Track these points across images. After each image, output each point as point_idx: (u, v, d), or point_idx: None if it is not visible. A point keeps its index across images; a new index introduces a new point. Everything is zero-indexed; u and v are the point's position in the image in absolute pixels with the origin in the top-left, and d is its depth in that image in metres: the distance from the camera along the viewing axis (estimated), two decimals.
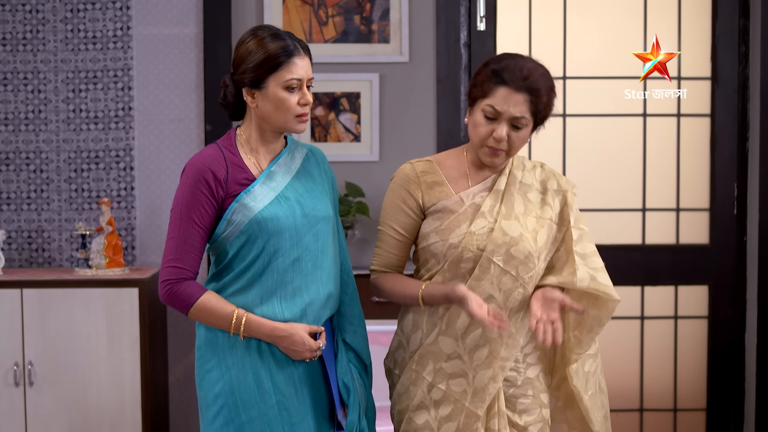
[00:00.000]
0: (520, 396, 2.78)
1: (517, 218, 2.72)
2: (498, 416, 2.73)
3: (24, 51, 4.45)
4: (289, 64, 2.63)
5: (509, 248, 2.68)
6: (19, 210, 4.49)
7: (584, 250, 2.75)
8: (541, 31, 4.59)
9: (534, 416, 2.78)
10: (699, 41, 4.57)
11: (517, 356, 2.76)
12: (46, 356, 4.07)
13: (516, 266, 2.69)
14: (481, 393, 2.71)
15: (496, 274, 2.69)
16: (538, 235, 2.73)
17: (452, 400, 2.73)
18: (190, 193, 2.63)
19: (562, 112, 4.58)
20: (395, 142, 4.51)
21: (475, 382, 2.71)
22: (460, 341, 2.72)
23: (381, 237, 2.84)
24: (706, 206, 4.61)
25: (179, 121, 4.48)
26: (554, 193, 2.80)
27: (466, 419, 2.72)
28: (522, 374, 2.77)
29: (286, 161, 2.75)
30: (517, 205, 2.74)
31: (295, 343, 2.64)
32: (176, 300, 2.63)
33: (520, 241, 2.69)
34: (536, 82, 2.67)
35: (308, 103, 2.66)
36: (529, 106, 2.67)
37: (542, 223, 2.75)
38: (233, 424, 2.64)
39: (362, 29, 4.49)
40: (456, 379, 2.73)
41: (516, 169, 2.80)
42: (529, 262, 2.69)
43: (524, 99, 2.67)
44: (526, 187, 2.78)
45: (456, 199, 2.75)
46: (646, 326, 4.66)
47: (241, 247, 2.65)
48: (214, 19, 4.43)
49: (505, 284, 2.69)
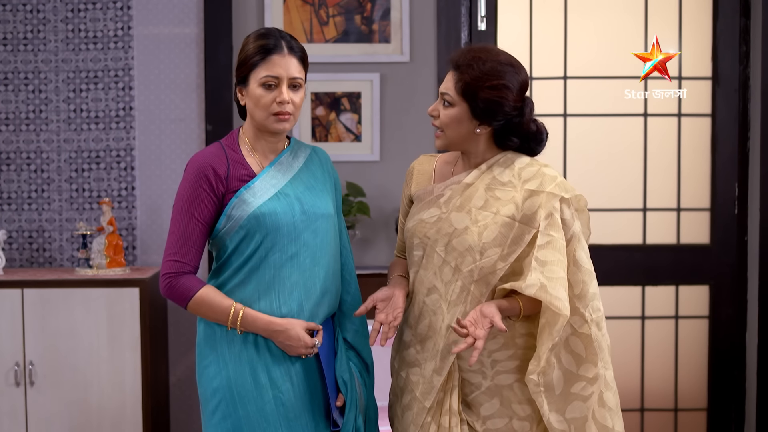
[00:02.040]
0: (485, 402, 2.72)
1: (469, 212, 2.68)
2: (450, 414, 2.70)
3: (25, 51, 4.46)
4: (266, 62, 2.65)
5: (451, 239, 2.67)
6: (20, 210, 4.49)
7: (546, 257, 2.59)
8: (542, 31, 4.59)
9: (500, 426, 2.71)
10: (700, 41, 4.57)
11: (482, 360, 2.69)
12: (46, 356, 4.07)
13: (455, 258, 2.66)
14: (427, 384, 2.70)
15: (438, 264, 2.69)
16: (486, 230, 2.64)
17: (409, 388, 2.75)
18: (191, 189, 2.66)
19: (562, 112, 4.58)
20: (396, 142, 4.51)
21: (423, 373, 2.72)
22: (413, 330, 2.75)
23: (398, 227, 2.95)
24: (706, 206, 4.61)
25: (180, 121, 4.48)
26: (529, 192, 2.66)
27: (418, 410, 2.72)
28: (489, 379, 2.71)
29: (287, 159, 2.77)
30: (476, 199, 2.69)
31: (290, 338, 2.65)
32: (175, 293, 2.66)
33: (463, 233, 2.66)
34: (460, 59, 2.67)
35: (284, 101, 2.66)
36: (454, 83, 2.66)
37: (497, 220, 2.65)
38: (231, 418, 2.66)
39: (363, 29, 4.49)
40: (413, 368, 2.75)
41: (498, 165, 2.72)
42: (468, 255, 2.64)
43: (451, 76, 2.68)
44: (498, 184, 2.69)
45: (428, 189, 2.78)
46: (647, 326, 4.66)
47: (240, 241, 2.67)
48: (215, 19, 4.43)
49: (446, 275, 2.68)
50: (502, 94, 2.64)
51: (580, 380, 2.67)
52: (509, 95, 2.64)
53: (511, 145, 2.73)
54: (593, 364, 2.66)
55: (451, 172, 2.81)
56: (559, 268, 2.59)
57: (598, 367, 2.66)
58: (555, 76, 4.58)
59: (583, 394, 2.67)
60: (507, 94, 2.64)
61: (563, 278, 2.59)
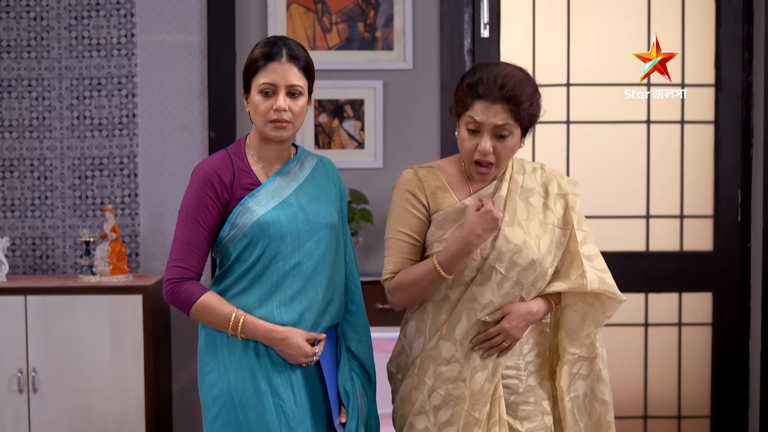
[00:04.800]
0: (522, 403, 2.78)
1: (519, 224, 2.72)
2: (499, 424, 2.73)
3: (28, 58, 4.46)
4: (265, 69, 2.67)
5: (512, 256, 2.68)
6: (24, 217, 4.50)
7: (589, 251, 2.76)
8: (545, 39, 4.59)
9: (535, 423, 2.78)
10: (702, 48, 4.57)
11: (518, 364, 2.77)
12: (49, 363, 4.07)
13: (518, 272, 2.69)
14: (478, 395, 2.71)
15: (497, 281, 2.69)
16: (541, 240, 2.72)
17: (451, 404, 2.73)
18: (196, 196, 2.67)
19: (565, 119, 4.58)
20: (399, 149, 4.51)
21: (472, 386, 2.71)
22: (458, 345, 2.72)
23: (390, 245, 2.78)
24: (710, 213, 4.61)
25: (183, 128, 4.49)
26: (556, 196, 2.79)
27: (466, 423, 2.72)
28: (524, 382, 2.78)
29: (293, 169, 2.77)
30: (519, 210, 2.74)
31: (290, 347, 2.65)
32: (178, 299, 2.67)
33: (523, 248, 2.68)
34: (513, 90, 2.63)
35: (280, 108, 2.66)
36: (510, 114, 2.64)
37: (545, 228, 2.75)
38: (231, 425, 2.66)
39: (366, 36, 4.49)
40: (454, 383, 2.73)
41: (516, 173, 2.79)
42: (532, 268, 2.69)
43: (503, 108, 2.63)
44: (527, 192, 2.77)
45: (459, 207, 2.73)
46: (650, 333, 4.65)
47: (243, 249, 2.67)
48: (218, 26, 4.43)
49: (505, 289, 2.70)
50: (540, 103, 2.72)
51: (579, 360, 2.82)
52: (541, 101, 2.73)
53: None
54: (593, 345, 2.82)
55: (467, 185, 2.78)
56: (601, 259, 2.78)
57: (596, 346, 2.82)
58: (558, 83, 4.58)
59: (583, 372, 2.82)
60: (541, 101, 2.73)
61: (607, 267, 2.78)
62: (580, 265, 2.73)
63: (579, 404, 2.82)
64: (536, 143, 4.58)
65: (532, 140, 4.55)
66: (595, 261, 2.75)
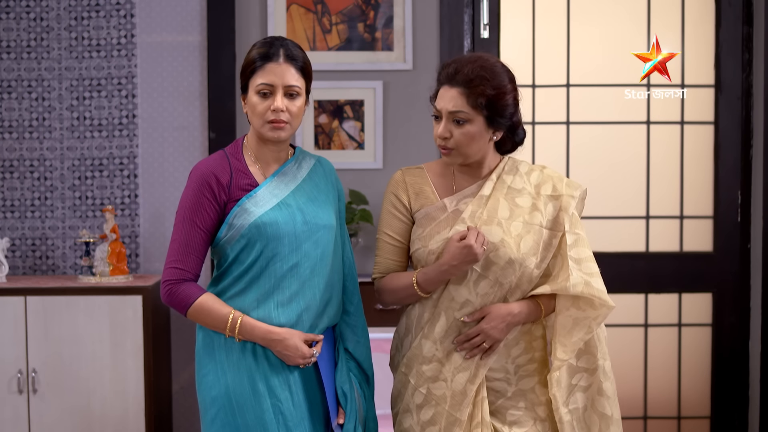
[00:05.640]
0: (511, 407, 2.75)
1: (499, 224, 2.69)
2: (481, 425, 2.70)
3: (28, 59, 4.47)
4: (262, 69, 2.67)
5: (488, 254, 2.66)
6: (23, 217, 4.50)
7: (579, 255, 2.70)
8: (545, 39, 4.59)
9: (525, 429, 2.75)
10: (702, 49, 4.57)
11: (506, 367, 2.74)
12: (49, 364, 4.07)
13: (496, 272, 2.67)
14: (459, 396, 2.70)
15: (473, 279, 2.68)
16: (523, 240, 2.68)
17: (433, 404, 2.72)
18: (193, 197, 2.67)
19: (565, 120, 4.58)
20: (399, 150, 4.51)
21: (453, 386, 2.70)
22: (438, 344, 2.72)
23: (379, 245, 2.84)
24: (709, 214, 4.61)
25: (183, 129, 4.49)
26: (548, 198, 2.75)
27: (447, 424, 2.71)
28: (513, 385, 2.75)
29: (291, 170, 2.77)
30: (501, 210, 2.71)
31: (287, 348, 2.65)
32: (175, 300, 2.67)
33: (500, 246, 2.66)
34: (468, 75, 2.63)
35: (278, 109, 2.66)
36: (466, 100, 2.63)
37: (529, 229, 2.70)
38: (229, 426, 2.66)
39: (366, 37, 4.49)
40: (435, 383, 2.72)
41: (507, 174, 2.77)
42: (510, 268, 2.66)
43: (459, 93, 2.64)
44: (515, 192, 2.74)
45: (439, 205, 2.74)
46: (650, 334, 4.65)
47: (241, 250, 2.67)
48: (218, 26, 4.44)
49: (482, 288, 2.68)
50: (514, 95, 2.69)
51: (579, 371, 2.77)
52: (515, 94, 2.70)
53: (508, 147, 2.78)
54: (593, 356, 2.77)
55: (452, 185, 2.79)
56: (593, 263, 2.71)
57: (597, 357, 2.77)
58: (558, 83, 4.58)
59: (582, 384, 2.77)
60: (515, 93, 2.69)
61: (598, 272, 2.71)
62: (567, 268, 2.68)
63: (579, 417, 2.77)
64: (536, 144, 4.58)
65: (531, 141, 4.56)
66: (584, 264, 2.69)
